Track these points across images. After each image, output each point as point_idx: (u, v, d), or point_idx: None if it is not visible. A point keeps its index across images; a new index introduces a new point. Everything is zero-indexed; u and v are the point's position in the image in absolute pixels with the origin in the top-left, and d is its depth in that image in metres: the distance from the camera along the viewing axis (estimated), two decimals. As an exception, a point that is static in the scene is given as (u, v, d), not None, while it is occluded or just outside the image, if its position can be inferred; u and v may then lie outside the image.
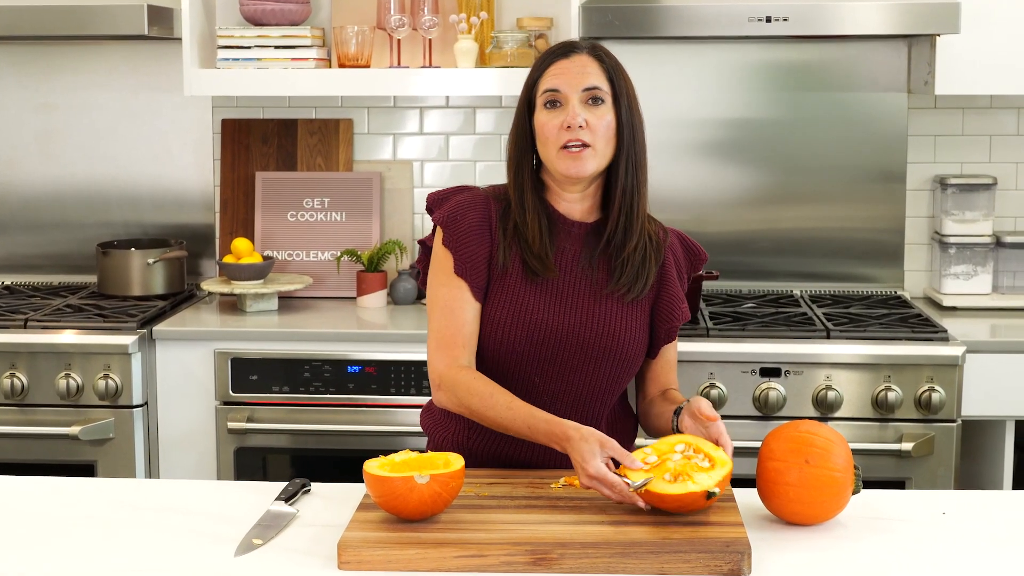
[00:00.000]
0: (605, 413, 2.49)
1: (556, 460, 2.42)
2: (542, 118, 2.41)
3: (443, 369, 2.41)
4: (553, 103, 2.40)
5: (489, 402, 2.34)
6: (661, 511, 2.12)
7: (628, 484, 2.10)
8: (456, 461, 2.10)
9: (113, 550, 2.07)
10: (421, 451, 2.25)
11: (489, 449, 2.45)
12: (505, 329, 2.41)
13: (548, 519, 2.09)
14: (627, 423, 2.56)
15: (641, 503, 2.10)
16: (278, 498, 2.26)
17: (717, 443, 2.22)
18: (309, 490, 2.34)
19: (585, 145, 2.38)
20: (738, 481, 2.34)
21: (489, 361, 2.44)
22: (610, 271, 2.45)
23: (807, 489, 2.12)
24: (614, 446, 2.16)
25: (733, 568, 1.95)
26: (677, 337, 2.57)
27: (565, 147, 2.38)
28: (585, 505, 2.16)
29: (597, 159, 2.41)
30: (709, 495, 2.09)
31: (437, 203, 2.53)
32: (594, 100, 2.40)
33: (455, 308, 2.43)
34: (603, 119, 2.40)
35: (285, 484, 2.33)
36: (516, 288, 2.43)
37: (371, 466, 2.08)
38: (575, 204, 2.47)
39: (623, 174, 2.43)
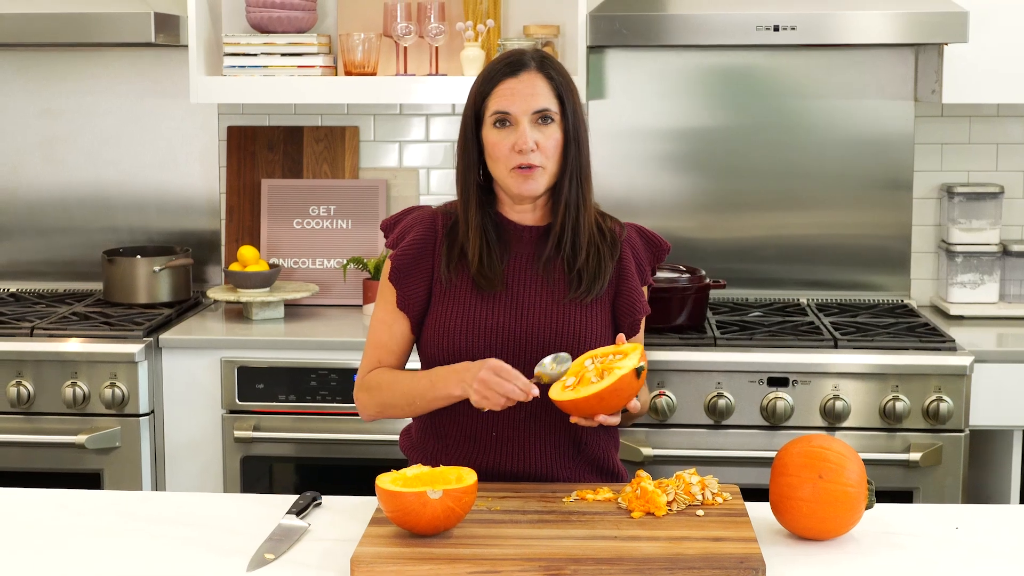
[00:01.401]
0: None
1: (540, 468, 2.42)
2: (492, 137, 2.41)
3: (356, 384, 2.54)
4: (503, 122, 2.40)
5: (394, 384, 2.45)
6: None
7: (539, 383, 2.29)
8: (469, 476, 2.10)
9: (122, 563, 2.07)
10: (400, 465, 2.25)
11: (470, 461, 2.43)
12: (461, 338, 2.41)
13: (560, 534, 2.09)
14: (609, 430, 2.55)
15: (534, 392, 2.25)
16: (289, 511, 2.25)
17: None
18: (320, 503, 2.33)
19: (535, 166, 2.39)
20: (750, 493, 2.34)
21: None
22: (567, 279, 2.46)
23: (821, 504, 2.12)
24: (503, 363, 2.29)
25: (747, 584, 1.94)
26: (642, 330, 2.59)
27: (516, 168, 2.39)
28: (597, 520, 2.15)
29: (547, 177, 2.43)
30: (638, 371, 2.22)
31: (389, 228, 2.56)
32: (543, 119, 2.40)
33: (377, 325, 2.53)
34: (552, 138, 2.41)
35: (296, 497, 2.32)
36: (467, 297, 2.44)
37: (383, 481, 2.08)
38: (527, 213, 2.49)
39: (567, 189, 2.44)
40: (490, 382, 2.26)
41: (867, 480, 2.16)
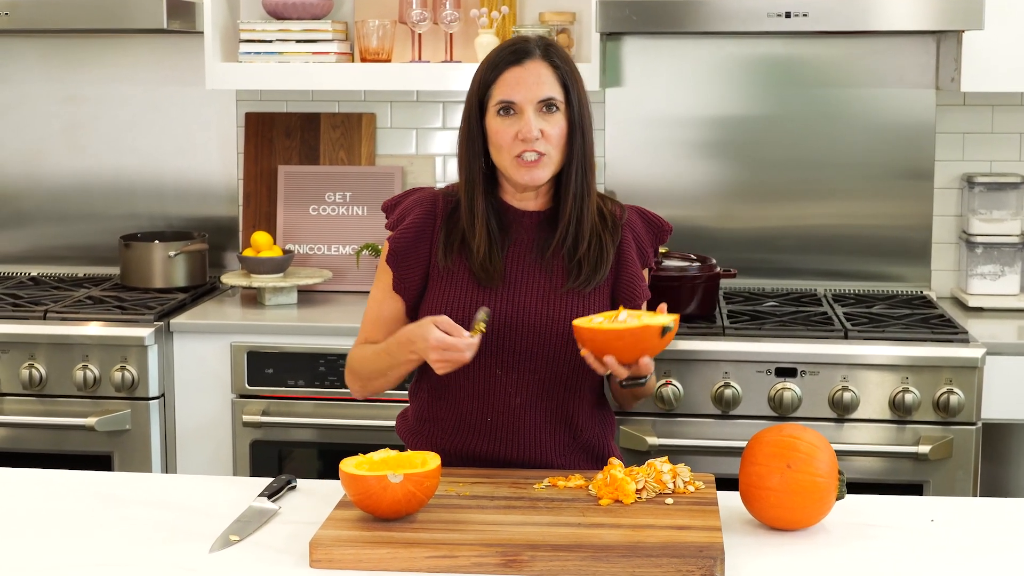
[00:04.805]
0: (579, 404, 2.45)
1: (534, 455, 2.41)
2: (496, 125, 2.40)
3: (346, 363, 2.57)
4: (507, 110, 2.39)
5: (365, 361, 2.49)
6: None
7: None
8: (432, 460, 2.09)
9: (88, 544, 2.08)
10: (402, 449, 2.24)
11: (464, 448, 2.44)
12: (459, 324, 2.39)
13: (525, 520, 2.07)
14: (606, 418, 2.54)
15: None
16: (261, 494, 2.26)
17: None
18: (295, 486, 2.33)
19: (540, 154, 2.37)
20: (726, 482, 2.31)
21: None
22: (566, 268, 2.43)
23: (789, 494, 2.09)
24: (445, 319, 2.29)
25: (705, 573, 1.91)
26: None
27: (520, 156, 2.37)
28: (565, 507, 2.14)
29: (551, 167, 2.41)
30: (664, 331, 2.18)
31: (390, 209, 2.56)
32: (548, 108, 2.38)
33: (370, 303, 2.55)
34: (557, 126, 2.39)
35: (270, 480, 2.33)
36: (465, 284, 2.42)
37: (347, 464, 2.08)
38: (528, 200, 2.47)
39: (574, 179, 2.42)
40: (446, 343, 2.27)
41: (838, 471, 2.13)
